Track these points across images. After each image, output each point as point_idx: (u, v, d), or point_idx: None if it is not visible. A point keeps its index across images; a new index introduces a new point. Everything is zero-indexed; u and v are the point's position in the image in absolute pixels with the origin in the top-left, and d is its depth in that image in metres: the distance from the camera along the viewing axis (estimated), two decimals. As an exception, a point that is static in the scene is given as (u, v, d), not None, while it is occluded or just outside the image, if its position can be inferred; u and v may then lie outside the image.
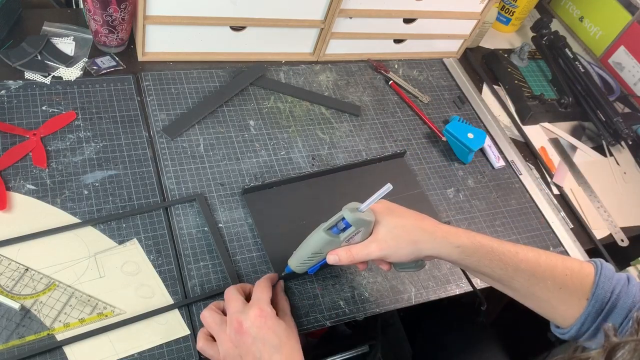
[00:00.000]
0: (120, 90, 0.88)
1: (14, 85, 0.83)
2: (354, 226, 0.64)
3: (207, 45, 0.95)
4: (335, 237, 0.65)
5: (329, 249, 0.66)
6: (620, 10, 1.27)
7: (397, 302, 0.78)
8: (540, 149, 1.09)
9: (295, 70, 1.02)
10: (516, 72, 1.20)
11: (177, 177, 0.81)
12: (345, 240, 0.65)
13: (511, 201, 0.96)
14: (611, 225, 1.01)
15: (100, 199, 0.75)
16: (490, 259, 0.62)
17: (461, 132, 0.97)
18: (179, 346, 0.66)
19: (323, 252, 0.67)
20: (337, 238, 0.65)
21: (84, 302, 0.66)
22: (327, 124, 0.96)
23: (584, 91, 1.17)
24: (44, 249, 0.69)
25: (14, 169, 0.75)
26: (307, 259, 0.68)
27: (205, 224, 0.77)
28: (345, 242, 0.65)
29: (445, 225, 0.65)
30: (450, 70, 1.16)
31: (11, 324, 0.63)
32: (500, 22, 1.32)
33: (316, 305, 0.74)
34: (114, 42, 0.90)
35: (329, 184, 0.87)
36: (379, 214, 0.65)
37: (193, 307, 0.70)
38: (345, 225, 0.65)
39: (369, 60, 1.10)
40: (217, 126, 0.89)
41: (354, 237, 0.65)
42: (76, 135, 0.81)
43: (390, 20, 1.03)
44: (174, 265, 0.72)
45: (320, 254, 0.67)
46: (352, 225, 0.64)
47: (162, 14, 0.86)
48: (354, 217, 0.64)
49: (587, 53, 1.37)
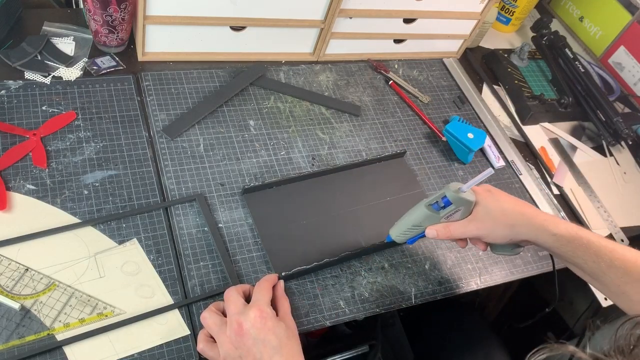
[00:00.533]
0: (120, 90, 0.88)
1: (14, 85, 0.83)
2: (454, 204, 0.69)
3: (207, 45, 0.95)
4: (435, 213, 0.71)
5: (428, 223, 0.72)
6: (620, 10, 1.27)
7: (397, 302, 0.78)
8: (540, 149, 1.09)
9: (295, 70, 1.02)
10: (516, 72, 1.20)
11: (177, 177, 0.81)
12: (444, 217, 0.71)
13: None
14: (611, 225, 1.01)
15: (100, 199, 0.75)
16: (584, 251, 0.64)
17: (461, 132, 0.97)
18: (179, 346, 0.66)
19: (422, 225, 0.72)
20: (437, 214, 0.71)
21: (84, 302, 0.66)
22: (327, 124, 0.96)
23: (584, 91, 1.17)
24: (44, 249, 0.69)
25: (14, 169, 0.75)
26: (407, 230, 0.74)
27: (205, 224, 0.77)
28: (444, 219, 0.71)
29: (545, 213, 0.67)
30: (450, 70, 1.16)
31: (11, 324, 0.63)
32: (500, 22, 1.32)
33: (316, 305, 0.74)
34: (114, 42, 0.90)
35: (329, 184, 0.87)
36: (479, 195, 0.68)
37: (193, 307, 0.70)
38: (445, 203, 0.70)
39: (369, 60, 1.10)
40: (217, 126, 0.89)
41: (453, 215, 0.71)
42: (76, 135, 0.81)
43: (390, 20, 1.03)
44: (174, 265, 0.72)
45: (420, 227, 0.73)
46: (452, 204, 0.69)
47: (162, 14, 0.86)
48: (454, 196, 0.69)
49: (587, 53, 1.37)
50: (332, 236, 0.81)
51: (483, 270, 0.86)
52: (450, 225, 0.69)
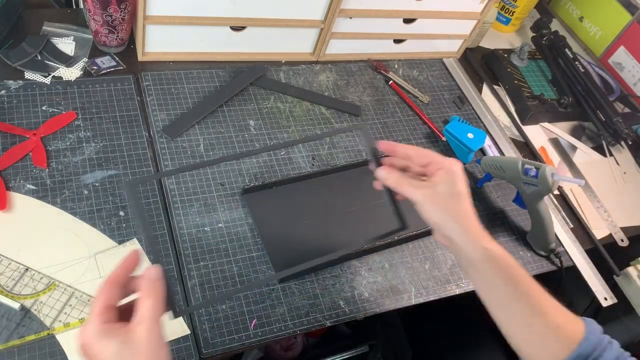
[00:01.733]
0: (120, 90, 0.88)
1: (14, 85, 0.83)
2: (538, 180, 0.81)
3: (207, 45, 0.95)
4: (520, 172, 0.83)
5: (510, 174, 0.86)
6: (620, 10, 1.27)
7: (397, 302, 0.78)
8: (540, 149, 1.09)
9: (295, 70, 1.02)
10: (516, 72, 1.20)
11: (177, 177, 0.81)
12: (522, 181, 0.84)
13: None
14: (611, 225, 1.01)
15: (100, 199, 0.75)
16: (507, 273, 0.61)
17: (461, 132, 0.97)
18: (179, 346, 0.66)
19: (505, 172, 0.87)
20: (520, 174, 0.83)
21: (84, 302, 0.66)
22: (327, 124, 0.96)
23: (584, 91, 1.17)
24: (44, 249, 0.69)
25: (14, 169, 0.75)
26: (493, 165, 0.89)
27: (205, 224, 0.77)
28: (520, 182, 0.84)
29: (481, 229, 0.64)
30: (450, 70, 1.16)
31: (11, 324, 0.63)
32: (500, 22, 1.32)
33: (316, 305, 0.74)
34: (114, 42, 0.90)
35: (329, 184, 0.87)
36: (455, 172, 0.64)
37: (193, 307, 0.70)
38: (534, 175, 0.81)
39: (369, 60, 1.10)
40: (217, 126, 0.89)
41: (528, 186, 0.83)
42: (76, 135, 0.81)
43: (390, 20, 1.03)
44: (174, 265, 0.72)
45: (502, 172, 0.87)
46: (538, 179, 0.81)
47: (162, 14, 0.86)
48: (544, 177, 0.80)
49: (587, 53, 1.37)
50: (332, 236, 0.81)
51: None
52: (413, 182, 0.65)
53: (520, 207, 0.93)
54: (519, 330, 0.62)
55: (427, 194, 0.63)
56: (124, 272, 0.50)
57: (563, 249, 0.93)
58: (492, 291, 0.63)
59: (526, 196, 0.86)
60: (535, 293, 0.61)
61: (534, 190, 0.83)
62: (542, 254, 0.91)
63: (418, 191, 0.64)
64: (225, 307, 0.71)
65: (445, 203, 0.63)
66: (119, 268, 0.50)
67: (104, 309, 0.48)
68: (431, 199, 0.63)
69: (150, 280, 0.49)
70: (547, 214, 0.86)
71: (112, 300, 0.49)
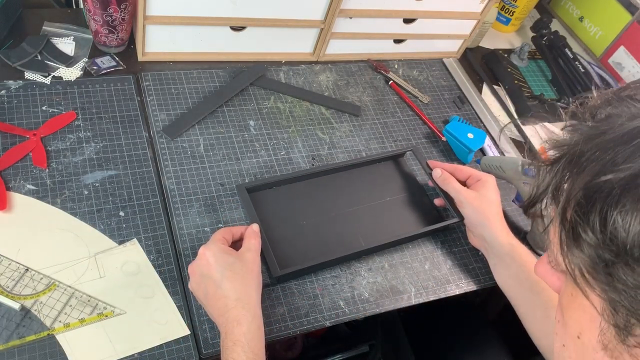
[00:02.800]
0: (120, 90, 0.88)
1: (14, 85, 0.83)
2: None
3: (207, 45, 0.95)
4: (520, 172, 0.83)
5: (510, 174, 0.86)
6: (620, 10, 1.27)
7: (397, 302, 0.78)
8: (540, 149, 1.09)
9: (295, 70, 1.02)
10: (516, 72, 1.20)
11: (177, 177, 0.81)
12: (522, 182, 0.84)
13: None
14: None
15: (100, 199, 0.75)
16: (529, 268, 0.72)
17: (461, 132, 0.97)
18: (179, 346, 0.66)
19: (505, 171, 0.86)
20: (520, 174, 0.84)
21: (84, 302, 0.66)
22: (327, 124, 0.96)
23: (584, 91, 1.17)
24: (44, 249, 0.69)
25: (14, 169, 0.75)
26: (494, 165, 0.89)
27: (205, 224, 0.77)
28: (522, 182, 0.84)
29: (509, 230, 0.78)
30: (450, 70, 1.16)
31: (11, 324, 0.63)
32: (500, 22, 1.32)
33: (316, 305, 0.74)
34: (114, 42, 0.90)
35: (329, 183, 0.87)
36: (494, 183, 0.80)
37: (193, 307, 0.70)
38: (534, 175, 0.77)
39: (369, 60, 1.10)
40: (217, 126, 0.89)
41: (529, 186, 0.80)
42: (76, 135, 0.81)
43: (390, 20, 1.03)
44: (174, 265, 0.72)
45: (502, 171, 0.87)
46: None
47: (162, 14, 0.86)
48: None
49: (587, 53, 1.37)
50: (332, 236, 0.81)
51: (483, 270, 0.86)
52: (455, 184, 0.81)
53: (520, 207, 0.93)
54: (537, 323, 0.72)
55: (469, 196, 0.79)
56: (237, 230, 0.71)
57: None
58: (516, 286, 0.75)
59: (526, 196, 0.86)
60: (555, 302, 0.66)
61: None
62: (542, 253, 0.90)
63: (463, 191, 0.80)
64: (225, 307, 0.71)
65: (482, 206, 0.78)
66: (236, 227, 0.72)
67: (222, 239, 0.68)
68: (471, 201, 0.79)
69: (253, 230, 0.71)
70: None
71: (227, 238, 0.69)
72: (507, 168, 0.87)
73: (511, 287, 0.76)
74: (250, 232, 0.71)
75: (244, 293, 0.63)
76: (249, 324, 0.61)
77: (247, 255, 0.67)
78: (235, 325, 0.61)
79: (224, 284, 0.63)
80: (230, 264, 0.65)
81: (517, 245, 0.75)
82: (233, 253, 0.67)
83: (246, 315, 0.62)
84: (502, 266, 0.76)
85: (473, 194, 0.79)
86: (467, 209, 0.79)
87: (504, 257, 0.75)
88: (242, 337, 0.60)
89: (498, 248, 0.76)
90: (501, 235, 0.76)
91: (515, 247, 0.75)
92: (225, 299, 0.63)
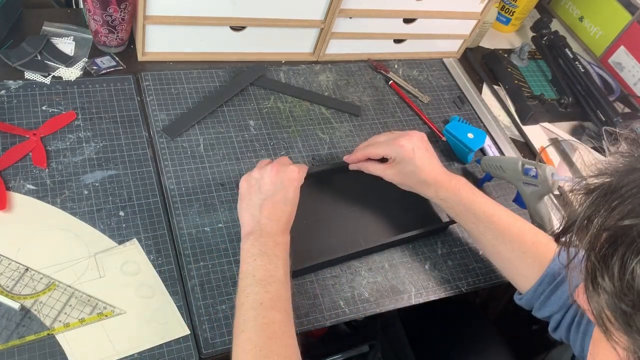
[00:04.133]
0: (120, 90, 0.88)
1: (14, 85, 0.83)
2: (538, 180, 0.80)
3: (207, 45, 0.95)
4: (520, 172, 0.83)
5: (510, 174, 0.85)
6: (620, 10, 1.27)
7: (397, 302, 0.78)
8: (540, 149, 1.09)
9: (295, 70, 1.02)
10: (516, 72, 1.20)
11: (177, 177, 0.81)
12: (522, 181, 0.83)
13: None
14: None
15: (100, 199, 0.75)
16: (465, 214, 0.76)
17: (461, 132, 0.97)
18: (179, 346, 0.66)
19: (505, 171, 0.86)
20: (520, 174, 0.83)
21: (84, 302, 0.66)
22: (327, 124, 0.96)
23: (584, 91, 1.17)
24: (44, 249, 0.69)
25: (14, 169, 0.75)
26: (494, 166, 0.88)
27: (205, 224, 0.77)
28: (521, 182, 0.83)
29: (442, 176, 0.78)
30: (450, 70, 1.16)
31: (11, 324, 0.63)
32: (500, 22, 1.32)
33: (316, 305, 0.74)
34: (114, 42, 0.90)
35: (329, 182, 0.87)
36: (412, 152, 0.78)
37: (193, 307, 0.70)
38: (534, 175, 0.81)
39: (369, 60, 1.10)
40: (217, 126, 0.89)
41: (528, 187, 0.83)
42: (76, 135, 0.81)
43: (390, 20, 1.03)
44: (174, 265, 0.72)
45: (502, 171, 0.86)
46: (538, 179, 0.80)
47: (162, 14, 0.86)
48: (544, 177, 0.79)
49: (587, 53, 1.37)
50: (332, 236, 0.81)
51: (483, 270, 0.86)
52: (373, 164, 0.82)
53: (520, 207, 0.93)
54: (493, 258, 0.78)
55: (390, 175, 0.81)
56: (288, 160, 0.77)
57: (563, 249, 0.93)
58: (467, 228, 0.78)
59: (526, 196, 0.86)
60: (496, 226, 0.73)
61: (534, 190, 0.83)
62: None
63: (385, 173, 0.81)
64: (225, 307, 0.71)
65: (405, 179, 0.80)
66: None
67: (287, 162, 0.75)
68: (393, 178, 0.81)
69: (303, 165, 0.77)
70: (547, 214, 0.86)
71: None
72: (507, 168, 0.87)
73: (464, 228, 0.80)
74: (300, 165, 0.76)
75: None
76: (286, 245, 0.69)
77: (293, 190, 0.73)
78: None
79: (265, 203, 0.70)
80: (281, 181, 0.72)
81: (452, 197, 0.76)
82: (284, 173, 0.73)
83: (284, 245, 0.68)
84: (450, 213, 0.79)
85: (391, 173, 0.81)
86: (396, 183, 0.82)
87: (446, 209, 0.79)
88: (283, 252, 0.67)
89: (438, 204, 0.80)
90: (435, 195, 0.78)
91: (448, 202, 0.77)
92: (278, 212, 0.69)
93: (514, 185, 0.87)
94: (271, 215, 0.69)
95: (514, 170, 0.85)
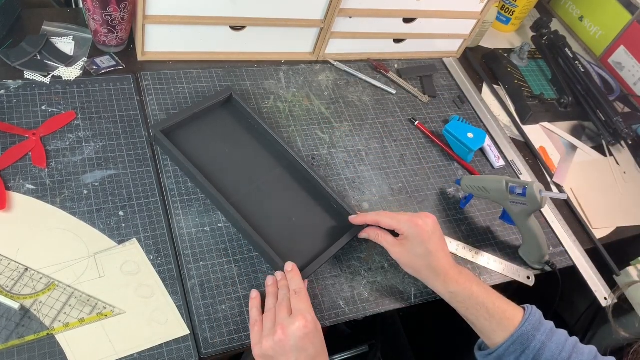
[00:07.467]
0: (120, 90, 0.88)
1: (14, 85, 0.83)
2: (527, 199, 0.78)
3: (207, 45, 0.95)
4: (507, 192, 0.80)
5: (495, 194, 0.82)
6: (620, 10, 1.27)
7: (397, 302, 0.78)
8: (540, 149, 1.09)
9: (295, 70, 1.02)
10: (516, 72, 1.20)
11: (177, 176, 0.81)
12: (510, 201, 0.80)
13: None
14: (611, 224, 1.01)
15: (100, 199, 0.75)
16: (477, 309, 0.72)
17: (461, 132, 0.97)
18: (178, 346, 0.66)
19: (489, 192, 0.83)
20: (507, 194, 0.80)
21: (83, 302, 0.66)
22: (327, 124, 0.96)
23: (584, 91, 1.17)
24: (44, 249, 0.69)
25: (14, 168, 0.75)
26: (475, 186, 0.85)
27: (205, 224, 0.77)
28: (508, 202, 0.81)
29: (452, 268, 0.74)
30: (450, 70, 1.16)
31: (11, 324, 0.63)
32: (500, 21, 1.32)
33: (316, 305, 0.74)
34: (114, 41, 0.90)
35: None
36: (428, 234, 0.73)
37: (193, 307, 0.69)
38: (522, 192, 0.78)
39: (369, 60, 1.10)
40: (217, 126, 0.89)
41: (516, 206, 0.80)
42: (76, 135, 0.81)
43: (390, 20, 1.03)
44: (174, 265, 0.72)
45: (486, 192, 0.83)
46: (526, 198, 0.78)
47: (162, 14, 0.86)
48: (532, 194, 0.77)
49: (587, 53, 1.37)
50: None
51: (483, 270, 0.86)
52: (384, 235, 0.77)
53: (508, 224, 0.91)
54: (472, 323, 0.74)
55: (395, 253, 0.76)
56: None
57: (563, 249, 0.93)
58: (477, 324, 0.73)
59: (514, 215, 0.83)
60: (515, 321, 0.70)
61: (523, 208, 0.80)
62: (536, 267, 0.88)
63: (391, 248, 0.76)
64: (225, 307, 0.71)
65: (413, 261, 0.74)
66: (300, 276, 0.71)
67: (311, 309, 0.67)
68: (399, 257, 0.76)
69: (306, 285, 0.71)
70: (538, 229, 0.84)
71: None
72: (491, 189, 0.82)
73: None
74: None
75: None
76: None
77: (319, 327, 0.67)
78: None
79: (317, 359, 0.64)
80: (320, 341, 0.65)
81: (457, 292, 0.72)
82: (319, 330, 0.66)
83: None
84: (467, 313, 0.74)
85: (399, 251, 0.75)
86: (401, 264, 0.77)
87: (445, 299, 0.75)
88: None
89: (438, 293, 0.75)
90: (439, 286, 0.74)
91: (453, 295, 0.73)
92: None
93: (501, 204, 0.85)
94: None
95: (499, 190, 0.81)
